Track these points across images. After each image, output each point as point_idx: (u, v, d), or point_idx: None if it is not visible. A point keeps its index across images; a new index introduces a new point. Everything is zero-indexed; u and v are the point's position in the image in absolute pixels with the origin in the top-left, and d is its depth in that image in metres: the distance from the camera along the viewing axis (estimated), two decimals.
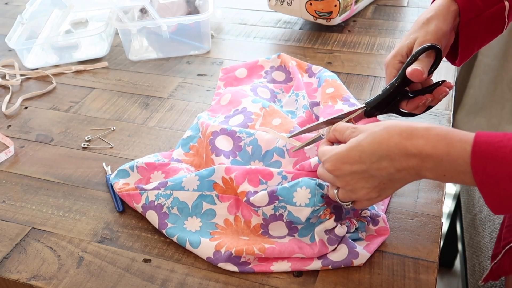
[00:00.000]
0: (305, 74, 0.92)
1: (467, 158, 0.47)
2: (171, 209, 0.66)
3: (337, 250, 0.61)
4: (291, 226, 0.63)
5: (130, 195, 0.68)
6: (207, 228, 0.65)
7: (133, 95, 0.96)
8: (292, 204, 0.61)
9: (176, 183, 0.67)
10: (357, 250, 0.61)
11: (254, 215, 0.65)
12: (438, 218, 0.66)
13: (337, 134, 0.59)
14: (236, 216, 0.66)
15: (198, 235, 0.64)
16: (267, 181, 0.66)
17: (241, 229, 0.65)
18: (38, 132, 0.88)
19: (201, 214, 0.66)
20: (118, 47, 1.12)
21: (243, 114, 0.79)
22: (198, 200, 0.67)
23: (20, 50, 1.06)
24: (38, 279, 0.62)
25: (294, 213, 0.61)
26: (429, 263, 0.60)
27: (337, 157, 0.55)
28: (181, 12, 1.10)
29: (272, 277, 0.60)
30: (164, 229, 0.66)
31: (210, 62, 1.05)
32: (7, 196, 0.75)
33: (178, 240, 0.64)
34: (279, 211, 0.63)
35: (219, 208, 0.67)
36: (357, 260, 0.60)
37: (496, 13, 0.67)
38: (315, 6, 1.08)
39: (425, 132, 0.50)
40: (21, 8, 1.32)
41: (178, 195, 0.67)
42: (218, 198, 0.67)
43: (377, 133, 0.53)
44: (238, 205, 0.67)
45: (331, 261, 0.61)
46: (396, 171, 0.52)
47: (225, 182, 0.66)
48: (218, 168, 0.67)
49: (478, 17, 0.67)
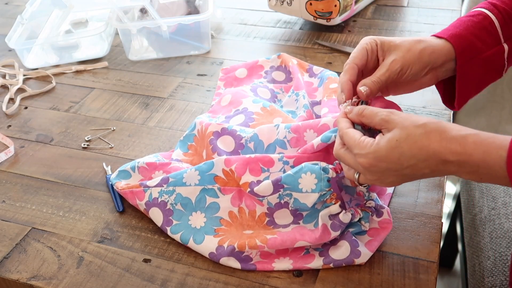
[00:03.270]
0: (306, 73, 0.92)
1: (503, 165, 0.49)
2: (175, 206, 0.67)
3: (338, 248, 0.61)
4: (296, 213, 0.64)
5: (134, 192, 0.69)
6: (211, 224, 0.66)
7: (133, 95, 0.96)
8: (298, 191, 0.61)
9: (178, 179, 0.67)
10: (359, 249, 0.61)
11: (258, 205, 0.65)
12: (438, 218, 0.66)
13: (365, 120, 0.58)
14: (240, 207, 0.66)
15: (203, 232, 0.65)
16: (268, 168, 0.66)
17: (246, 221, 0.65)
18: (38, 132, 0.88)
19: (205, 208, 0.67)
20: (118, 47, 1.12)
21: (244, 114, 0.79)
22: (201, 194, 0.67)
23: (20, 50, 1.06)
24: (38, 279, 0.62)
25: (300, 199, 0.61)
26: (429, 263, 0.60)
27: (375, 156, 0.54)
28: (181, 12, 1.10)
29: (272, 277, 0.60)
30: (169, 226, 0.66)
31: (210, 62, 1.05)
32: (7, 196, 0.75)
33: (182, 238, 0.65)
34: (284, 199, 0.63)
35: (223, 201, 0.67)
36: (358, 259, 0.60)
37: (495, 55, 0.66)
38: (315, 6, 1.08)
39: (463, 140, 0.51)
40: (21, 8, 1.32)
41: (181, 191, 0.67)
42: (221, 191, 0.67)
43: (417, 136, 0.53)
44: (241, 196, 0.67)
45: (333, 259, 0.61)
46: (431, 172, 0.54)
47: (226, 174, 0.67)
48: (218, 161, 0.67)
49: (476, 58, 0.65)
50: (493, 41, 0.66)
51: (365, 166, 0.55)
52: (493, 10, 0.68)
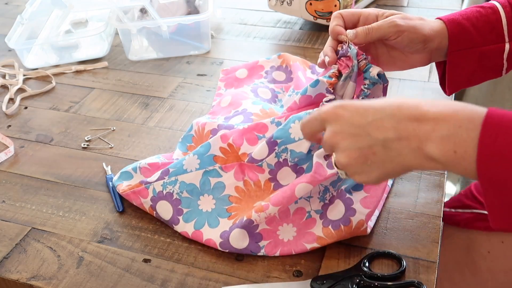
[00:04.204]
0: (308, 69, 0.92)
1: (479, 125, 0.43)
2: (181, 194, 0.67)
3: (335, 207, 0.63)
4: (297, 169, 0.65)
5: (136, 192, 0.69)
6: (222, 205, 0.66)
7: (133, 95, 0.96)
8: (291, 141, 0.63)
9: (178, 168, 0.68)
10: (354, 207, 0.62)
11: (260, 174, 0.66)
12: (438, 218, 0.66)
13: None
14: (245, 180, 0.67)
15: (216, 215, 0.65)
16: (264, 134, 0.67)
17: (254, 192, 0.66)
18: (38, 132, 0.88)
19: (211, 190, 0.67)
20: (118, 47, 1.12)
21: (243, 115, 0.79)
22: (204, 178, 0.67)
23: (20, 50, 1.06)
24: (38, 279, 0.62)
25: (295, 149, 0.63)
26: (429, 263, 0.61)
27: (341, 103, 0.50)
28: (181, 12, 1.10)
29: (272, 277, 0.60)
30: (181, 215, 0.66)
31: (210, 62, 1.05)
32: (7, 196, 0.75)
33: (196, 224, 0.65)
34: (282, 156, 0.64)
35: (226, 179, 0.67)
36: (354, 217, 0.61)
37: (494, 52, 0.65)
38: (315, 6, 1.08)
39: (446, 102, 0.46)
40: (21, 8, 1.32)
41: (184, 179, 0.67)
42: (222, 169, 0.67)
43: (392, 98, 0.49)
44: (243, 170, 0.67)
45: (330, 220, 0.62)
46: (396, 137, 0.47)
47: (224, 151, 0.67)
48: (214, 140, 0.68)
49: (471, 49, 0.64)
50: (495, 38, 0.64)
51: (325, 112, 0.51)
52: (506, 6, 0.64)
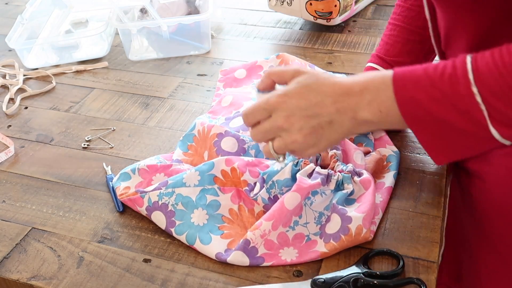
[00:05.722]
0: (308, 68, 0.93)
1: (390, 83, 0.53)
2: (176, 206, 0.67)
3: (331, 222, 0.63)
4: None
5: (132, 200, 0.68)
6: (214, 222, 0.66)
7: (133, 95, 0.96)
8: (275, 173, 0.65)
9: (177, 181, 0.68)
10: (349, 215, 0.62)
11: (255, 204, 0.67)
12: (438, 218, 0.66)
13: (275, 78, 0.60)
14: (240, 205, 0.68)
15: (207, 231, 0.65)
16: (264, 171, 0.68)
17: (247, 218, 0.67)
18: (38, 132, 0.88)
19: (206, 205, 0.67)
20: (118, 47, 1.12)
21: None
22: (201, 194, 0.68)
23: (20, 50, 1.06)
24: (38, 279, 0.62)
25: (280, 178, 0.65)
26: (429, 263, 0.61)
27: (286, 92, 0.56)
28: (181, 12, 1.10)
29: (272, 277, 0.60)
30: (173, 227, 0.66)
31: (210, 62, 1.05)
32: (7, 196, 0.75)
33: (188, 238, 0.65)
34: (272, 192, 0.65)
35: (223, 199, 0.68)
36: (352, 224, 0.62)
37: None
38: (315, 6, 1.08)
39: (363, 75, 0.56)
40: (21, 8, 1.32)
41: (181, 191, 0.67)
42: (220, 190, 0.68)
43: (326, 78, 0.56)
44: (240, 195, 0.68)
45: (329, 235, 0.62)
46: (336, 111, 0.55)
47: (225, 174, 0.68)
48: (218, 161, 0.68)
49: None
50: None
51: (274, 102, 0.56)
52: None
